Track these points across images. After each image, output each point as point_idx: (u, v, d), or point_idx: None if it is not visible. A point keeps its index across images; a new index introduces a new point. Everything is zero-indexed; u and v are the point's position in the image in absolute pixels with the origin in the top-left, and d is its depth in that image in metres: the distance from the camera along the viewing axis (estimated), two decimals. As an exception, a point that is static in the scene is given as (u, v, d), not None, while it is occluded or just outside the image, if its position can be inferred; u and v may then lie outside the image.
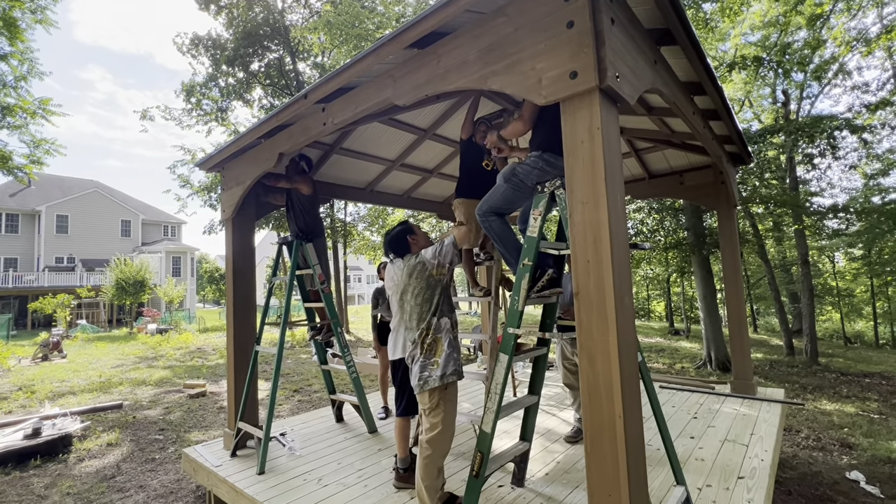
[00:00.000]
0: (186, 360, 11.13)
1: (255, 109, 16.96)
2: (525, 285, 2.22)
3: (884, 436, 5.63)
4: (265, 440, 3.17)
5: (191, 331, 17.33)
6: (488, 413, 2.26)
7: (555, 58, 1.67)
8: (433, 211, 6.22)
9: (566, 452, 3.21)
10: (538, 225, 2.19)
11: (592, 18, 1.59)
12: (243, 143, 3.34)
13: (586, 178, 1.62)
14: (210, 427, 5.44)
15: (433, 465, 2.29)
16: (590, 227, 1.61)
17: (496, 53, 1.85)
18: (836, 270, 22.17)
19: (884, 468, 4.37)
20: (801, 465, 4.45)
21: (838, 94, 16.82)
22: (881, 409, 7.32)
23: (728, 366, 10.02)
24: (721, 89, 2.96)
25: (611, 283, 1.56)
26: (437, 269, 2.37)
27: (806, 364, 11.67)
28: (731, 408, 4.04)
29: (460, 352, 2.40)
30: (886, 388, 9.14)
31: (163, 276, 27.42)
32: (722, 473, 2.75)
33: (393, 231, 2.58)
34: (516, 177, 2.35)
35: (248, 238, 3.87)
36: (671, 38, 2.26)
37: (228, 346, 3.70)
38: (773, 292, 14.22)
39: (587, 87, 1.59)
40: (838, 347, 19.12)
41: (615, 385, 1.54)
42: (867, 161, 13.94)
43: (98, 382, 8.30)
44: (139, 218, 30.96)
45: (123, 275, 19.14)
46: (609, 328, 1.56)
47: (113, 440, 4.89)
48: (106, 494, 3.64)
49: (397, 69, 2.27)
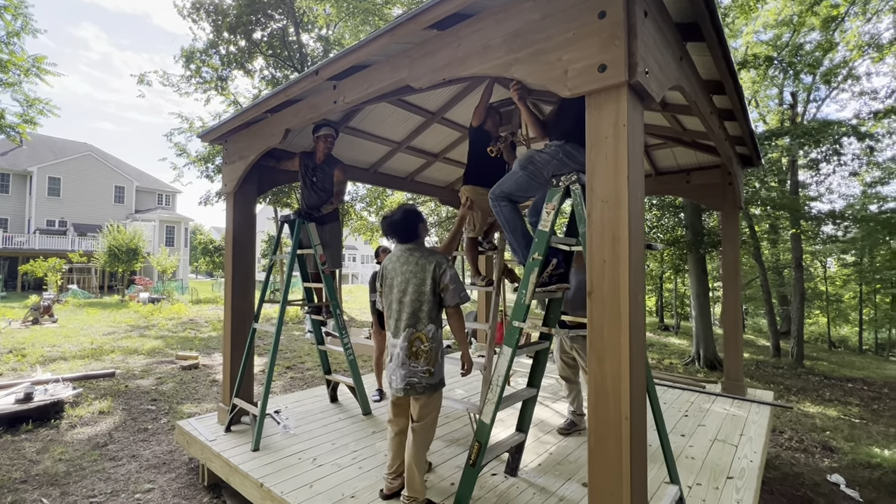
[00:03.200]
0: (179, 331, 11.11)
1: (257, 80, 16.57)
2: (534, 279, 2.19)
3: (864, 440, 5.77)
4: (261, 417, 3.17)
5: (183, 301, 17.27)
6: (488, 404, 2.27)
7: (583, 49, 1.62)
8: (435, 195, 6.16)
9: (558, 444, 3.24)
10: (551, 219, 2.16)
11: (626, 9, 1.53)
12: (248, 117, 3.26)
13: (608, 176, 1.58)
14: (202, 400, 5.45)
15: (424, 450, 2.35)
16: (608, 225, 1.58)
17: (521, 40, 1.79)
18: (827, 275, 22.42)
19: (864, 472, 4.48)
20: (783, 465, 4.55)
21: (845, 98, 16.73)
22: (862, 414, 7.48)
23: (716, 364, 10.18)
24: (741, 90, 2.90)
25: (626, 283, 1.54)
26: (442, 289, 2.34)
27: (791, 366, 11.89)
28: (722, 408, 4.09)
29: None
30: (868, 394, 9.34)
31: (156, 245, 27.18)
32: (712, 473, 2.79)
33: (399, 215, 2.44)
34: (533, 164, 2.30)
35: (250, 213, 3.81)
36: (698, 34, 2.20)
37: (226, 322, 3.67)
38: (765, 294, 14.37)
39: (616, 82, 1.54)
40: (823, 351, 19.49)
41: (623, 386, 1.53)
42: (867, 169, 13.95)
43: (89, 349, 8.27)
44: (133, 185, 30.49)
45: (116, 242, 18.92)
46: (622, 329, 1.54)
47: (105, 408, 4.89)
48: (98, 462, 3.65)
49: (414, 50, 2.19)
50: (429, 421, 2.33)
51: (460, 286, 2.33)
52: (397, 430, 2.47)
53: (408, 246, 2.43)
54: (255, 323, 3.61)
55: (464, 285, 2.38)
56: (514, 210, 2.45)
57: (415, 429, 2.32)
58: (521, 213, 2.50)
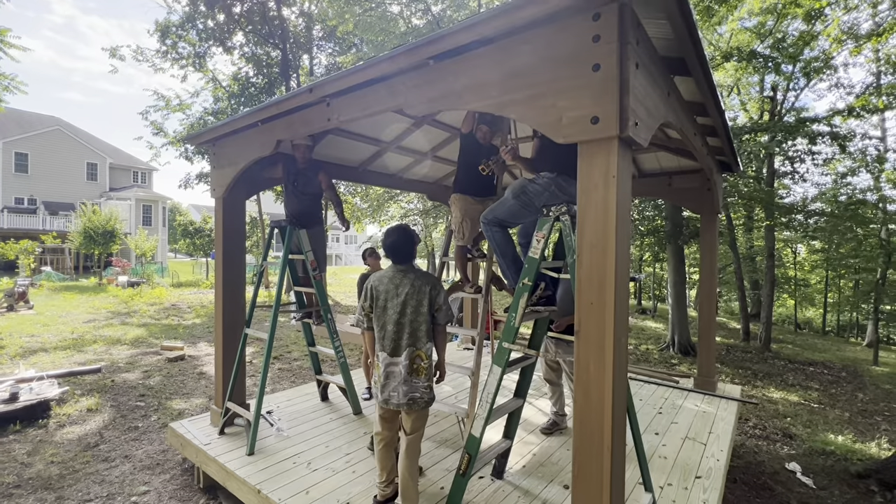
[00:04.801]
0: (161, 318, 11.00)
1: (236, 56, 16.00)
2: (523, 303, 2.30)
3: (820, 426, 6.21)
4: (255, 423, 3.26)
5: (164, 285, 17.00)
6: (478, 419, 2.40)
7: (577, 99, 1.68)
8: (423, 192, 6.19)
9: (541, 444, 3.43)
10: (540, 248, 2.26)
11: (619, 65, 1.60)
12: (238, 125, 3.23)
13: (598, 223, 1.68)
14: (191, 394, 5.50)
15: (416, 458, 2.48)
16: (596, 270, 1.68)
17: (518, 82, 1.84)
18: (797, 261, 23.35)
19: (818, 460, 4.85)
20: (747, 454, 4.89)
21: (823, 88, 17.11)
22: (820, 399, 8.00)
23: (689, 350, 10.65)
24: (723, 111, 3.01)
25: (612, 325, 1.65)
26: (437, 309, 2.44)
27: (759, 350, 12.51)
28: (693, 404, 4.36)
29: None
30: (827, 378, 9.94)
31: (133, 225, 26.44)
32: (682, 473, 3.02)
33: (401, 238, 2.49)
34: (526, 195, 2.38)
35: (239, 217, 3.80)
36: (684, 68, 2.28)
37: (216, 327, 3.70)
38: (738, 281, 14.95)
39: (607, 136, 1.62)
40: (789, 333, 20.47)
41: (606, 418, 1.67)
42: (839, 158, 14.43)
43: (70, 339, 8.16)
44: (106, 161, 29.36)
45: (92, 223, 18.34)
46: (606, 366, 1.67)
47: (93, 405, 4.90)
48: (91, 464, 3.70)
49: (411, 77, 2.21)
50: (419, 433, 2.46)
51: (450, 306, 2.45)
52: (386, 442, 2.60)
53: (401, 267, 2.50)
54: (246, 328, 3.66)
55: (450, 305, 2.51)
56: (506, 235, 2.54)
57: (408, 441, 2.44)
58: (511, 239, 2.59)
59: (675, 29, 1.90)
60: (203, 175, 15.00)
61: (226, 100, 15.56)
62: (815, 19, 11.27)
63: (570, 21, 1.69)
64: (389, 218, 20.98)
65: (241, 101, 15.45)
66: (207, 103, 17.72)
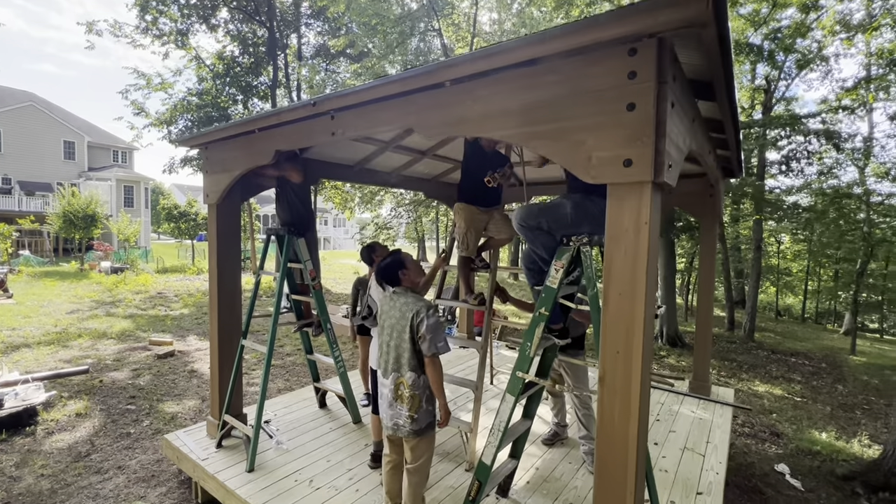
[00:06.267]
0: (148, 308, 10.77)
1: (221, 34, 15.36)
2: (539, 333, 2.25)
3: (805, 422, 6.40)
4: (255, 438, 3.19)
5: (149, 271, 16.61)
6: (489, 447, 2.37)
7: (609, 139, 1.59)
8: (420, 189, 6.04)
9: (543, 457, 3.44)
10: (559, 277, 2.19)
11: (656, 105, 1.50)
12: (234, 132, 3.06)
13: (626, 269, 1.61)
14: (183, 395, 5.40)
15: (420, 490, 2.43)
16: (623, 318, 1.62)
17: (542, 113, 1.73)
18: (780, 251, 23.84)
19: (805, 461, 5.00)
20: (737, 454, 5.01)
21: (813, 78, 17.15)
22: (803, 392, 8.25)
23: (677, 341, 10.88)
24: (738, 125, 2.94)
25: (639, 374, 1.60)
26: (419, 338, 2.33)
27: (743, 340, 12.83)
28: (690, 410, 4.42)
29: (436, 404, 2.43)
30: (808, 369, 10.25)
31: (114, 206, 25.67)
32: (683, 488, 3.06)
33: (385, 262, 2.55)
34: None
35: (235, 223, 3.65)
36: (710, 93, 2.19)
37: (212, 338, 3.59)
38: (725, 272, 15.20)
39: (640, 180, 1.54)
40: (770, 320, 21.04)
41: (630, 467, 1.64)
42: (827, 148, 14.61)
43: (54, 333, 7.93)
44: (84, 140, 28.27)
45: (71, 207, 17.71)
46: (631, 417, 1.62)
47: (81, 409, 4.77)
48: (84, 476, 3.61)
49: (423, 98, 2.08)
50: (422, 463, 2.39)
51: (438, 336, 2.29)
52: (394, 464, 2.56)
53: (394, 290, 2.50)
54: (243, 339, 3.55)
55: (444, 335, 2.34)
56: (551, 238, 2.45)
57: (409, 470, 2.40)
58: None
59: (709, 57, 1.80)
60: (188, 159, 14.55)
61: (210, 80, 14.98)
62: (811, 9, 11.21)
63: (603, 53, 1.59)
64: (378, 203, 20.72)
65: (226, 82, 14.90)
66: (191, 83, 17.08)
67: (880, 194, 14.06)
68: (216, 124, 14.14)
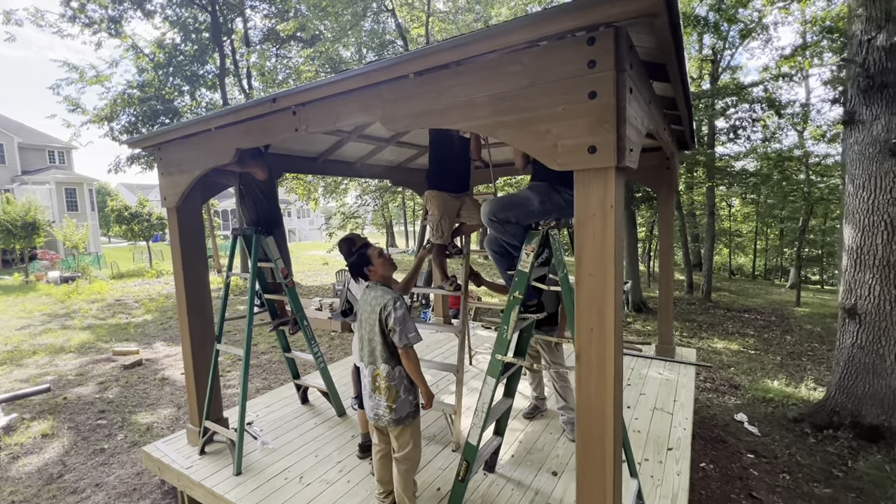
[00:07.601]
0: (108, 317, 10.25)
1: (158, 20, 14.34)
2: (514, 316, 2.33)
3: (759, 373, 6.92)
4: (239, 441, 3.16)
5: (103, 278, 15.73)
6: (474, 428, 2.47)
7: (573, 127, 1.64)
8: (387, 177, 6.00)
9: (525, 431, 3.60)
10: (530, 261, 2.26)
11: (616, 93, 1.56)
12: (188, 131, 2.93)
13: (595, 251, 1.69)
14: (157, 405, 5.24)
15: (410, 476, 2.50)
16: (596, 298, 1.71)
17: (508, 104, 1.76)
18: (732, 214, 25.20)
19: (760, 408, 5.44)
20: (701, 409, 5.39)
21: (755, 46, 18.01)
22: (756, 345, 8.89)
23: (641, 307, 11.44)
24: (691, 102, 3.07)
25: (612, 349, 1.71)
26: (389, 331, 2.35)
27: (701, 301, 13.60)
28: (657, 372, 4.70)
29: (416, 392, 2.49)
30: (760, 323, 11.01)
31: (56, 211, 23.95)
32: (655, 446, 3.28)
33: (351, 258, 2.65)
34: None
35: (197, 224, 3.52)
36: (664, 74, 2.28)
37: (184, 346, 3.49)
38: (682, 238, 15.98)
39: (605, 166, 1.60)
40: (725, 280, 22.33)
41: (608, 437, 1.75)
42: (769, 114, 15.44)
43: (5, 351, 7.45)
44: (14, 141, 26.02)
45: (7, 215, 16.38)
46: (607, 388, 1.73)
47: (47, 430, 4.56)
48: (59, 498, 3.48)
49: (388, 91, 2.07)
50: (409, 451, 2.45)
51: (408, 327, 2.31)
52: (383, 453, 2.62)
53: (367, 283, 2.56)
54: (217, 344, 3.48)
55: (414, 325, 2.36)
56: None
57: (397, 458, 2.47)
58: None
59: (662, 43, 1.87)
60: (136, 157, 13.69)
61: (151, 70, 14.04)
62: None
63: (563, 43, 1.63)
64: (343, 191, 20.32)
65: (169, 72, 14.01)
66: (130, 74, 15.94)
67: (817, 155, 15.05)
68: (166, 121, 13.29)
